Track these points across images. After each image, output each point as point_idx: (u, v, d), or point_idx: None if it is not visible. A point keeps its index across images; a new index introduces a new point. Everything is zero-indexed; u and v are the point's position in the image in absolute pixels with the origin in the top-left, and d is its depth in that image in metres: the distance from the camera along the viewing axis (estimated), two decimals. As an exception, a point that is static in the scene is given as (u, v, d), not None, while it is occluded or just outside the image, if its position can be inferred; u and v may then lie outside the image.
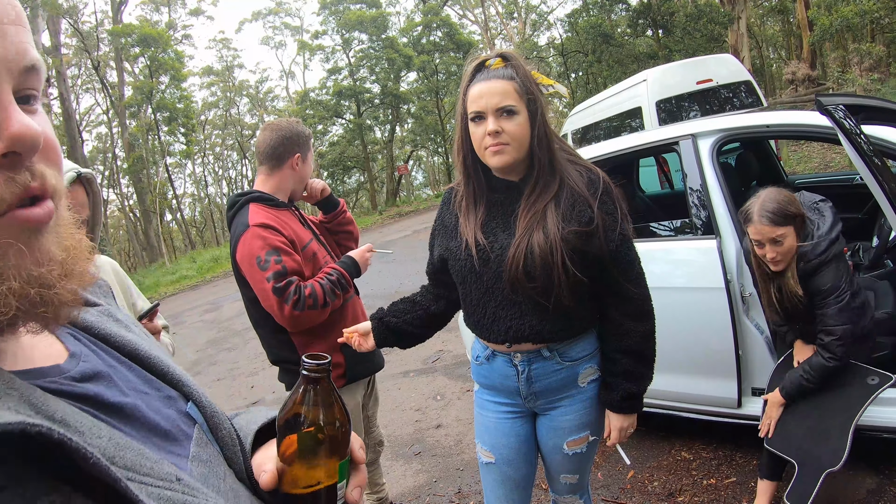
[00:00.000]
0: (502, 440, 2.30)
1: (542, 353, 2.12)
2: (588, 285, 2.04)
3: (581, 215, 1.99)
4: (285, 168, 2.96)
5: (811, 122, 3.19)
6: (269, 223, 2.74)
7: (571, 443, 2.21)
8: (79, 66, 36.81)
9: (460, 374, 6.27)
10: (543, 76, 2.12)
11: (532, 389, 2.17)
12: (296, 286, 2.65)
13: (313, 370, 0.89)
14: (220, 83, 46.83)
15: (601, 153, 4.12)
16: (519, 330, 2.06)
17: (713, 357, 3.45)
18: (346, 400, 2.93)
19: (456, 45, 35.25)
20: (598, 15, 28.71)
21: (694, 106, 8.20)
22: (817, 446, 2.75)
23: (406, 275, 11.92)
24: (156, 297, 17.05)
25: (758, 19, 32.59)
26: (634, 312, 2.09)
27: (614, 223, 2.02)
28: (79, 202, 1.97)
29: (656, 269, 3.72)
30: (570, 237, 1.96)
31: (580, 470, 2.30)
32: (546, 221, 1.98)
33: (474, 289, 2.14)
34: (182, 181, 49.03)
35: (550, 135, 2.05)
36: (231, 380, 8.17)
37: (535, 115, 2.01)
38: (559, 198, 2.01)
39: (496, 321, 2.11)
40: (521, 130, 1.98)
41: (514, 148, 1.99)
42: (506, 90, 1.96)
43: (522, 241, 1.98)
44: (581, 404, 2.19)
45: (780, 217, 2.74)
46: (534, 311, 2.04)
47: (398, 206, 32.52)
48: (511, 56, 2.05)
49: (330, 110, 34.86)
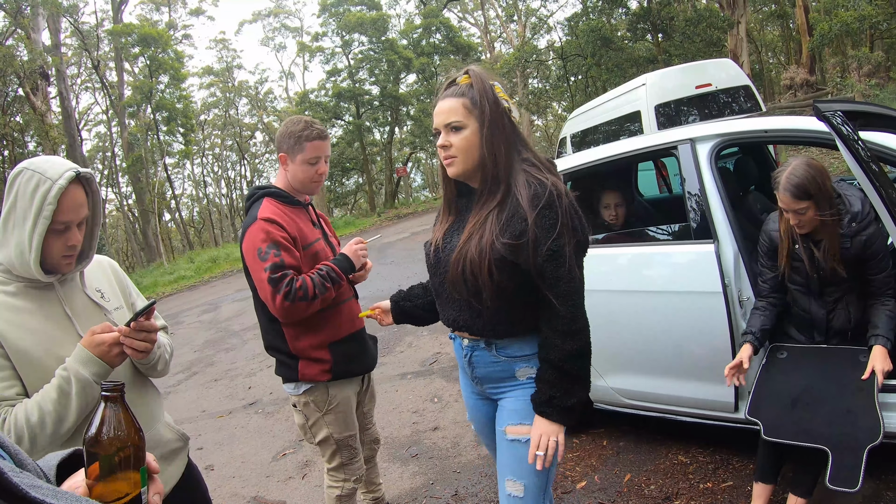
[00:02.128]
0: (472, 414, 2.61)
1: (480, 344, 2.32)
2: (518, 293, 2.16)
3: (514, 228, 2.09)
4: (283, 166, 3.11)
5: (809, 127, 3.19)
6: (275, 218, 2.90)
7: (511, 428, 2.27)
8: (78, 65, 36.77)
9: (457, 377, 6.25)
10: (503, 93, 2.26)
11: (475, 373, 2.40)
12: (289, 279, 2.79)
13: (109, 390, 1.04)
14: (220, 84, 46.78)
15: (600, 157, 4.13)
16: (457, 321, 2.32)
17: (710, 361, 3.45)
18: (336, 392, 3.10)
19: (456, 48, 35.27)
20: (597, 19, 28.67)
21: (693, 110, 8.19)
22: (849, 426, 2.72)
23: (405, 276, 11.93)
24: (152, 297, 17.08)
25: (757, 24, 32.64)
26: (561, 329, 2.09)
27: (546, 237, 2.05)
28: (78, 202, 1.98)
29: (654, 273, 3.74)
30: (500, 247, 2.08)
31: (524, 474, 2.24)
32: (484, 229, 2.14)
33: (433, 281, 2.43)
34: (181, 181, 49.00)
35: (500, 146, 2.18)
36: (229, 380, 8.17)
37: (483, 129, 2.16)
38: (503, 206, 2.15)
39: (444, 310, 2.39)
40: (467, 143, 2.18)
41: (462, 159, 2.20)
42: (453, 108, 2.18)
43: (463, 247, 2.17)
44: (521, 391, 2.28)
45: (802, 192, 2.85)
46: (469, 308, 2.24)
47: (396, 208, 32.51)
48: (473, 73, 2.24)
49: (329, 112, 34.82)
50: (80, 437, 2.01)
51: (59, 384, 1.90)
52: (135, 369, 2.25)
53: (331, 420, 3.12)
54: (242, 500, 4.68)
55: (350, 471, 3.22)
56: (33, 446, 1.86)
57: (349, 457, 3.21)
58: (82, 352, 1.94)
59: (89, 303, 2.17)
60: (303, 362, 3.03)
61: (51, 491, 0.76)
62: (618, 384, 3.95)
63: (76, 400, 1.91)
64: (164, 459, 2.26)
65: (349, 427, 3.17)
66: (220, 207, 52.27)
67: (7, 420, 1.85)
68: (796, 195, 2.85)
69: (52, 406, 1.88)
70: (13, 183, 1.94)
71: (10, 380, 1.91)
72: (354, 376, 3.19)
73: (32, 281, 2.02)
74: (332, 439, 3.14)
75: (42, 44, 27.15)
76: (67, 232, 1.99)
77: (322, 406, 3.09)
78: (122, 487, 1.01)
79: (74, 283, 2.17)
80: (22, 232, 1.92)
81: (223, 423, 6.55)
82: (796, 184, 2.85)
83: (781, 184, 2.90)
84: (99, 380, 1.95)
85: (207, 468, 5.32)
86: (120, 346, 1.98)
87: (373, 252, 16.29)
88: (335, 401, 3.10)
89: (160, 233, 36.19)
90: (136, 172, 33.39)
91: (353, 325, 3.16)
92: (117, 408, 1.04)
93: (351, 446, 3.20)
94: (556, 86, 34.11)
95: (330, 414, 3.11)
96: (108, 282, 2.32)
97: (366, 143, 37.29)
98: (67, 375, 1.91)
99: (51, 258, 2.01)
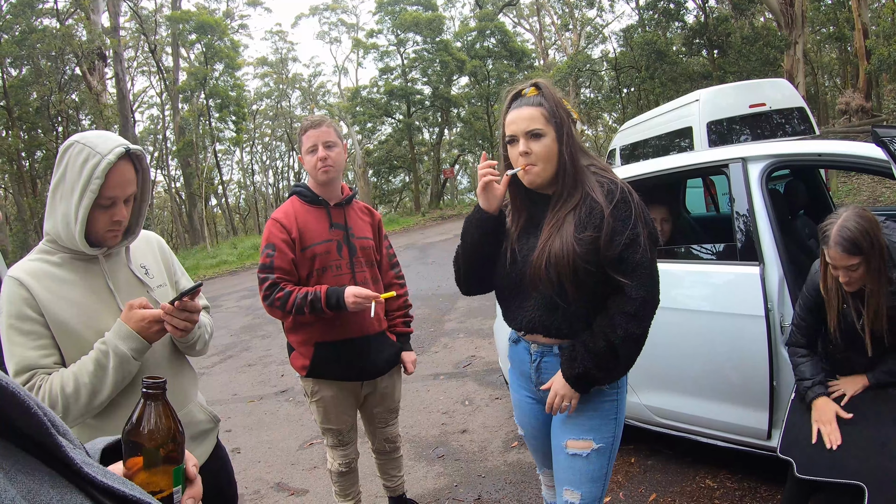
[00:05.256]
0: (524, 419, 2.64)
1: (553, 350, 2.37)
2: (597, 289, 2.22)
3: (593, 222, 2.18)
4: (303, 165, 3.28)
5: (865, 153, 3.11)
6: (280, 219, 3.15)
7: (572, 443, 2.34)
8: (135, 49, 37.44)
9: (490, 382, 6.27)
10: (568, 104, 2.35)
11: (541, 379, 2.43)
12: (271, 283, 3.03)
13: (150, 387, 1.06)
14: (274, 74, 47.33)
15: (649, 171, 4.09)
16: (532, 321, 2.34)
17: (746, 385, 3.40)
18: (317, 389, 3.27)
19: (509, 53, 35.25)
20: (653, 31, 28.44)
21: (745, 129, 8.09)
22: (886, 460, 2.60)
23: (444, 277, 11.97)
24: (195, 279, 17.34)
25: (815, 45, 32.00)
26: (630, 311, 2.15)
27: (624, 227, 2.16)
28: (126, 178, 2.02)
29: (696, 291, 3.69)
30: (584, 241, 2.16)
31: (582, 484, 2.32)
32: (564, 229, 2.20)
33: (505, 283, 2.43)
34: (229, 168, 49.67)
35: (576, 153, 2.28)
36: (262, 366, 8.27)
37: (562, 137, 2.25)
38: (579, 207, 2.23)
39: (518, 311, 2.39)
40: (547, 150, 2.24)
41: (542, 167, 2.26)
42: (533, 116, 2.24)
43: (544, 246, 2.22)
44: (586, 405, 2.34)
45: (854, 248, 2.62)
46: (547, 306, 2.29)
47: (441, 208, 32.62)
48: (542, 85, 2.32)
49: (380, 109, 35.08)
50: (112, 413, 2.05)
51: (97, 357, 1.94)
52: (173, 346, 2.29)
53: (314, 409, 3.35)
54: (266, 485, 4.73)
55: (335, 455, 3.44)
56: (66, 416, 1.90)
57: (333, 443, 3.41)
58: (122, 327, 1.98)
59: (132, 278, 2.20)
60: (294, 353, 3.27)
61: (101, 470, 0.79)
62: (651, 401, 3.91)
63: (112, 374, 1.94)
64: (193, 439, 2.29)
65: (330, 421, 3.34)
66: (266, 196, 52.81)
67: (42, 388, 1.89)
68: (849, 250, 2.62)
69: (89, 378, 1.91)
70: (64, 155, 1.98)
71: (48, 348, 1.96)
72: (332, 380, 3.26)
73: (77, 253, 2.06)
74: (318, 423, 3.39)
75: (101, 25, 27.69)
76: (113, 207, 2.03)
77: (309, 394, 3.32)
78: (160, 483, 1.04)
79: (120, 257, 2.21)
80: (69, 204, 1.96)
81: (253, 408, 6.63)
82: (849, 237, 2.62)
83: (832, 238, 2.67)
84: (137, 355, 1.99)
85: (234, 451, 5.39)
86: (160, 323, 2.02)
87: (414, 251, 16.32)
88: (317, 395, 3.29)
89: (205, 217, 36.76)
90: (185, 156, 33.92)
91: (349, 332, 3.18)
92: (158, 404, 1.06)
93: (335, 434, 3.38)
94: (608, 97, 33.99)
95: (313, 404, 3.32)
96: (154, 259, 2.35)
97: (414, 143, 37.47)
98: (106, 349, 1.94)
99: (96, 232, 2.04)
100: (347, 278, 3.16)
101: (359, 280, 3.19)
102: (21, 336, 1.93)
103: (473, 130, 36.16)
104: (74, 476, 0.75)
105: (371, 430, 3.59)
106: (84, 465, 0.75)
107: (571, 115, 2.33)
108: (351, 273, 3.18)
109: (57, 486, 0.71)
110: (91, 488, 0.76)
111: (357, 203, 3.41)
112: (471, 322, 8.88)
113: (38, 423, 0.71)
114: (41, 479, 0.69)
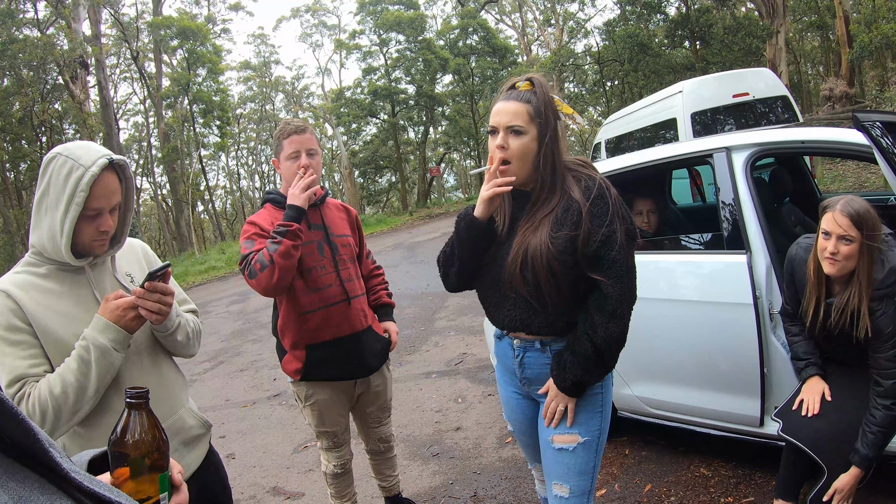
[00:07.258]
0: (513, 415, 2.64)
1: (535, 345, 2.37)
2: (576, 288, 2.22)
3: (570, 219, 2.17)
4: (277, 170, 3.26)
5: (848, 139, 3.12)
6: (258, 221, 3.11)
7: (558, 437, 2.34)
8: (118, 56, 37.27)
9: (482, 378, 6.27)
10: (565, 105, 2.35)
11: (525, 374, 2.44)
12: (247, 259, 2.96)
13: (133, 397, 1.08)
14: (257, 78, 47.22)
15: (634, 163, 4.09)
16: (513, 321, 2.34)
17: (737, 374, 3.42)
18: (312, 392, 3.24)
19: (492, 50, 35.21)
20: (635, 24, 28.54)
21: (729, 119, 8.13)
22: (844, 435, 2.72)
23: (434, 276, 11.94)
24: (184, 286, 17.18)
25: (797, 34, 32.16)
26: (608, 309, 2.15)
27: (601, 224, 2.15)
28: (110, 189, 2.01)
29: (684, 282, 3.70)
30: (559, 239, 2.15)
31: (570, 478, 2.33)
32: (541, 229, 2.20)
33: (485, 281, 2.41)
34: (215, 173, 49.58)
35: (556, 155, 2.27)
36: (254, 371, 8.25)
37: (544, 138, 2.23)
38: (557, 208, 2.22)
39: (498, 310, 2.39)
40: (524, 149, 2.23)
41: (516, 165, 2.24)
42: (518, 112, 2.22)
43: (519, 247, 2.22)
44: None
45: (858, 220, 2.65)
46: (525, 306, 2.28)
47: (428, 207, 32.60)
48: (536, 81, 2.29)
49: (364, 109, 34.99)
50: (98, 421, 2.05)
51: (79, 353, 1.94)
52: (160, 351, 2.29)
53: (308, 413, 3.32)
54: (262, 489, 4.72)
55: (330, 457, 3.42)
56: (58, 419, 1.90)
57: (328, 445, 3.40)
58: (99, 320, 1.98)
59: (119, 287, 2.20)
60: (286, 357, 3.23)
61: (87, 477, 0.81)
62: (643, 393, 3.92)
63: (95, 367, 1.94)
64: (185, 445, 2.29)
65: (325, 424, 3.32)
66: (253, 200, 52.62)
67: (31, 395, 1.89)
68: (853, 218, 2.64)
69: (74, 377, 1.92)
70: (47, 167, 1.97)
71: (38, 358, 1.96)
72: (327, 381, 3.25)
73: (63, 264, 2.06)
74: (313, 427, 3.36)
75: (82, 34, 27.59)
76: (99, 217, 2.02)
77: (301, 399, 3.29)
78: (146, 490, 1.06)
79: (105, 266, 2.21)
80: (54, 217, 1.96)
81: (246, 413, 6.61)
82: (856, 209, 2.66)
83: (839, 204, 2.70)
84: (118, 346, 1.99)
85: (229, 456, 5.38)
86: (135, 309, 2.02)
87: (403, 250, 16.30)
88: (311, 399, 3.25)
89: (193, 223, 36.62)
90: (171, 163, 33.81)
91: (339, 331, 3.16)
92: (142, 413, 1.08)
93: (330, 437, 3.37)
94: (592, 90, 34.02)
95: (307, 408, 3.29)
96: (140, 266, 2.35)
97: (400, 142, 37.43)
98: (86, 344, 1.95)
99: (82, 242, 2.04)
100: (332, 277, 3.14)
101: (343, 277, 3.18)
102: (10, 347, 1.93)
103: (459, 128, 36.10)
104: (62, 482, 0.78)
105: (365, 431, 3.57)
106: (71, 472, 0.78)
107: (561, 115, 2.32)
108: (335, 271, 3.16)
109: (46, 492, 0.73)
110: (79, 493, 0.79)
111: (332, 201, 3.38)
112: (461, 320, 8.88)
113: (25, 431, 0.73)
114: (31, 486, 0.72)
